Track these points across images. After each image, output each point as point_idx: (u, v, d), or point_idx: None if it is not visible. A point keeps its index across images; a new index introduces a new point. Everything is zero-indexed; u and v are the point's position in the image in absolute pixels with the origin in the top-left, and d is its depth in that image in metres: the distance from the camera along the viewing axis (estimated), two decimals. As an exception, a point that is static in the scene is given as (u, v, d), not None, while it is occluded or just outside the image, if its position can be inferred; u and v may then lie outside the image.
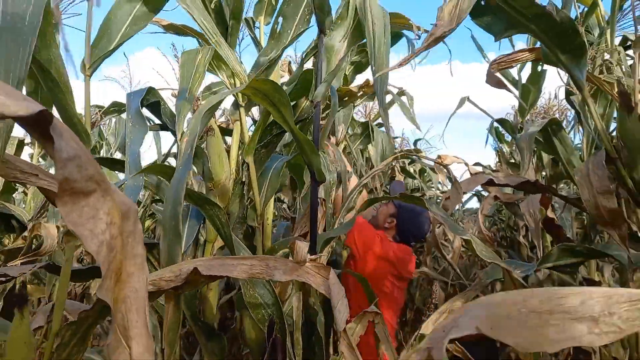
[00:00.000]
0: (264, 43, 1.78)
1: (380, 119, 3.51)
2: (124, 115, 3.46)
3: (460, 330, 0.52)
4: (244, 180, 1.56)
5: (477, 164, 4.18)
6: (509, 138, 3.59)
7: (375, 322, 1.43)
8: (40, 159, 3.26)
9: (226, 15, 1.35)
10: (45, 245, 2.78)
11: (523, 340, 0.49)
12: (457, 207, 3.73)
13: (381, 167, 1.40)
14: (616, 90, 1.40)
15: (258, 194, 1.54)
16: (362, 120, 3.50)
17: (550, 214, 1.95)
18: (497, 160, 4.29)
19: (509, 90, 1.41)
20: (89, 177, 0.64)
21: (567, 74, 1.43)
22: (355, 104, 2.87)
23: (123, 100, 3.11)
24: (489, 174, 1.60)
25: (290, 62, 2.48)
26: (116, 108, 3.23)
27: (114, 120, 3.90)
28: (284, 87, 1.83)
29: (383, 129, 3.15)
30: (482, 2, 1.08)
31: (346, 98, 2.01)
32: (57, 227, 3.06)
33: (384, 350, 1.23)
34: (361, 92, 1.93)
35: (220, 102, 1.12)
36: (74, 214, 0.62)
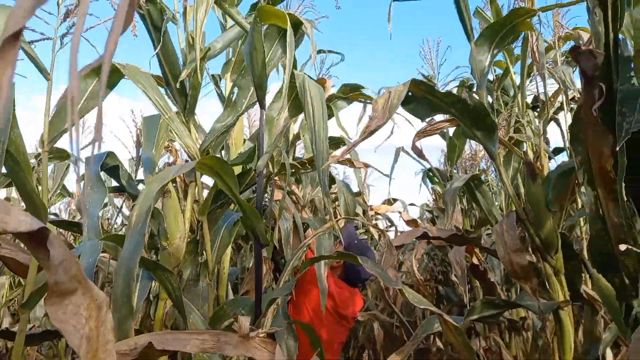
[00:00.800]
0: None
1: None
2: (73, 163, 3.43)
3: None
4: (198, 238, 1.64)
5: (411, 204, 4.42)
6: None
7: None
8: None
9: (186, 87, 1.47)
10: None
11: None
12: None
13: (321, 230, 1.53)
14: (523, 157, 1.63)
15: (210, 252, 1.63)
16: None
17: (475, 260, 2.15)
18: (433, 198, 4.58)
19: (427, 160, 1.62)
20: (72, 277, 0.73)
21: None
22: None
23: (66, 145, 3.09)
24: (422, 228, 1.77)
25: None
26: (57, 154, 3.19)
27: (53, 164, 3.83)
28: (247, 143, 1.94)
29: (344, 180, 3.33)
30: (410, 94, 1.26)
31: (308, 165, 2.16)
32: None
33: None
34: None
35: (169, 181, 1.22)
36: (60, 312, 0.71)
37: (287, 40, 1.19)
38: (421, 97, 1.29)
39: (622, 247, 0.93)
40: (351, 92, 2.26)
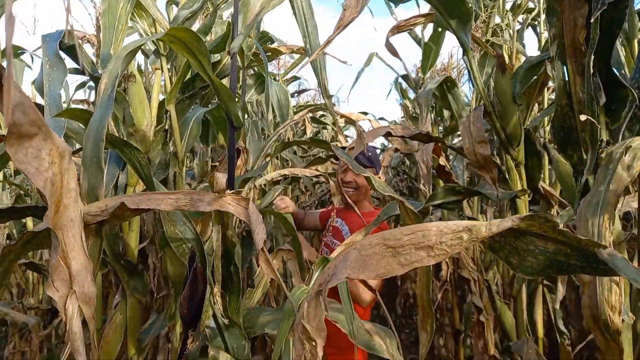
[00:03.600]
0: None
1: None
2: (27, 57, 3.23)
3: (337, 279, 0.68)
4: (167, 128, 1.61)
5: (381, 118, 4.44)
6: (411, 95, 3.86)
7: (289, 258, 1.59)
8: None
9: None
10: None
11: (383, 271, 0.66)
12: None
13: (296, 118, 1.52)
14: (495, 52, 1.63)
15: (180, 142, 1.61)
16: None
17: (442, 161, 2.21)
18: (402, 115, 4.61)
19: (401, 59, 1.60)
20: (32, 122, 0.72)
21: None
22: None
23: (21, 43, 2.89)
24: (387, 127, 1.79)
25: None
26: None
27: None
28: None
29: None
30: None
31: (269, 53, 2.08)
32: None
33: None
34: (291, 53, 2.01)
35: (139, 47, 1.17)
36: (20, 154, 0.71)
37: None
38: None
39: (582, 117, 0.96)
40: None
